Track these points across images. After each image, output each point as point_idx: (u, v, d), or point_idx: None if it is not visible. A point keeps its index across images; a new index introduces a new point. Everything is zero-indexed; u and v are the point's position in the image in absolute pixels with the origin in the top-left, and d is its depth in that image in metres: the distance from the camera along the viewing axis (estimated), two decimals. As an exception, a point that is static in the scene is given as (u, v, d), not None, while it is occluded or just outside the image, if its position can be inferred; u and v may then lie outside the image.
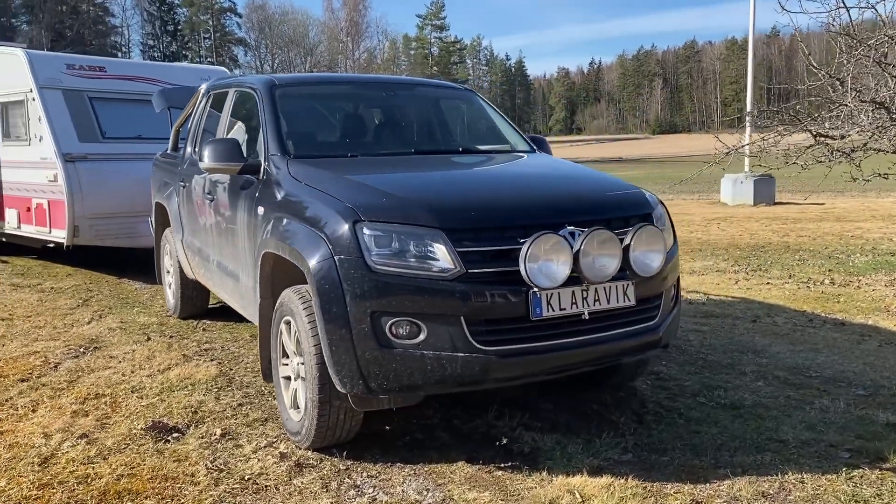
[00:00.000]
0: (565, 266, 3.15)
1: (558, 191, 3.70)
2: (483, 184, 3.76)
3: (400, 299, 3.10)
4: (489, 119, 5.08)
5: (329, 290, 3.17)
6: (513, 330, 3.21)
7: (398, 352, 3.13)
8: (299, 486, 3.20)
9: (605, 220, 3.43)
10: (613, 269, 3.26)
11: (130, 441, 3.62)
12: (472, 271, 3.13)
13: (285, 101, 4.49)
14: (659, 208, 3.83)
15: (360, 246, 3.15)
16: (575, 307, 3.27)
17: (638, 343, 3.52)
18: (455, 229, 3.16)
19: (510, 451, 3.56)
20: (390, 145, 4.59)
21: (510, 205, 3.35)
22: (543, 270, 3.11)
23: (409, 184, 3.68)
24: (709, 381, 4.50)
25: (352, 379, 3.17)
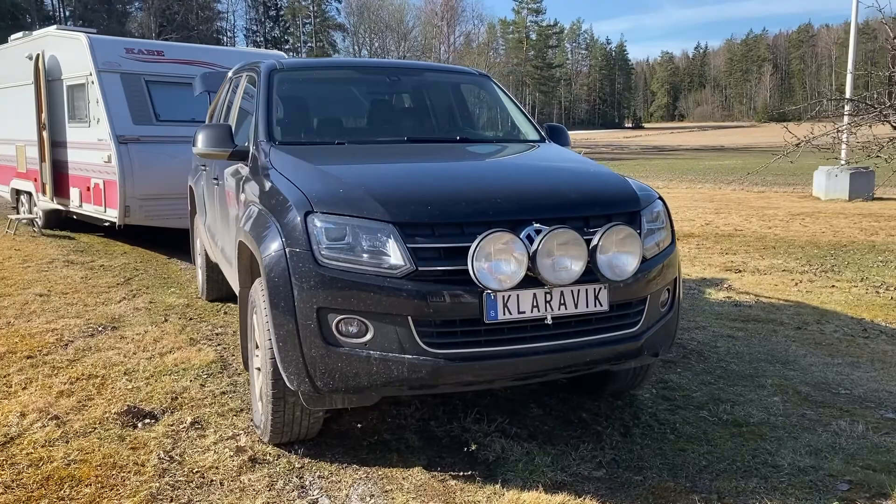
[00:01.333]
0: (519, 267, 2.92)
1: (530, 185, 3.44)
2: (451, 176, 3.54)
3: (347, 296, 2.95)
4: (501, 106, 4.84)
5: (278, 284, 3.06)
6: (465, 333, 3.01)
7: (344, 351, 2.99)
8: (243, 483, 3.12)
9: (579, 218, 3.18)
10: (577, 271, 3.00)
11: (99, 425, 3.63)
12: (422, 269, 2.94)
13: (284, 85, 4.41)
14: (653, 206, 3.52)
15: (310, 238, 3.02)
16: (536, 311, 3.04)
17: (613, 351, 3.25)
18: (407, 224, 2.98)
19: (475, 459, 3.37)
20: (383, 133, 4.43)
21: (469, 199, 3.12)
22: (494, 271, 2.89)
23: (372, 174, 3.52)
24: (719, 394, 4.16)
25: (298, 376, 3.06)
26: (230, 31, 78.65)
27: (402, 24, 66.28)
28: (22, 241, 9.50)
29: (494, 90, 4.94)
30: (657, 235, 3.49)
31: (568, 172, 3.76)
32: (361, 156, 3.94)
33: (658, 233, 3.51)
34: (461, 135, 4.34)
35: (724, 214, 13.46)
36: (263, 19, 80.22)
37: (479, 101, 4.93)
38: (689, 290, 6.97)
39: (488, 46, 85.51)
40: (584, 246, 2.98)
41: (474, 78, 5.08)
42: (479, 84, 5.02)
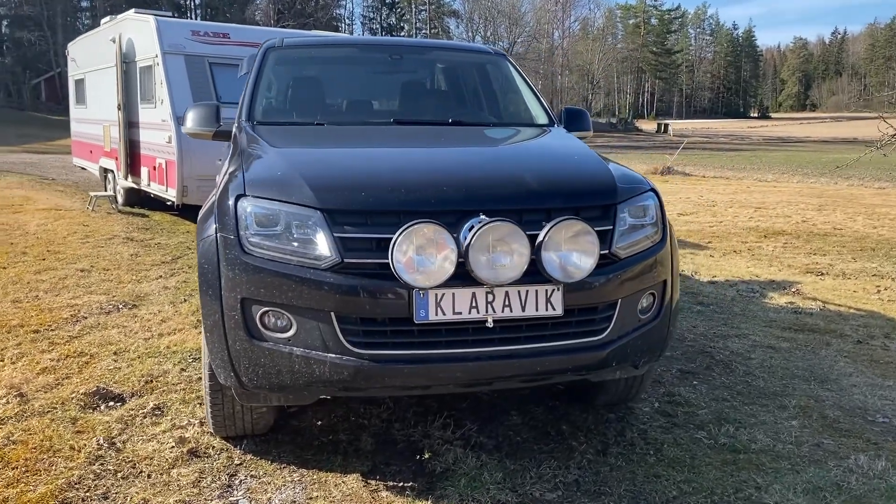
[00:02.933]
0: (446, 263, 2.61)
1: (487, 173, 3.08)
2: (404, 161, 3.23)
3: (270, 287, 2.74)
4: (512, 88, 4.49)
5: (207, 271, 2.89)
6: (396, 333, 2.74)
7: (268, 346, 2.78)
8: (170, 478, 2.98)
9: (537, 210, 2.83)
10: (518, 270, 2.66)
11: (60, 406, 3.60)
12: (349, 261, 2.69)
13: (279, 63, 4.26)
14: (638, 200, 3.12)
15: (238, 223, 2.83)
16: (475, 312, 2.73)
17: (570, 362, 2.89)
18: (336, 211, 2.74)
19: (422, 469, 3.11)
20: (371, 113, 4.19)
21: (410, 186, 2.82)
22: (417, 266, 2.60)
23: (320, 157, 3.29)
24: (728, 413, 3.69)
25: (224, 370, 2.89)
26: (348, 18, 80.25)
27: (515, 9, 65.49)
28: (95, 218, 9.88)
29: (509, 70, 4.59)
30: (641, 232, 3.09)
31: (543, 159, 3.40)
32: (330, 138, 3.71)
33: (642, 229, 3.11)
34: (455, 117, 4.03)
35: (827, 212, 12.42)
36: (380, 6, 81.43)
37: (491, 82, 4.58)
38: (749, 292, 6.37)
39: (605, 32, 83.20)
40: (527, 241, 2.64)
41: (488, 57, 4.74)
42: (493, 64, 4.68)
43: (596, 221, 2.93)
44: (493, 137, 3.86)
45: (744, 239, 9.55)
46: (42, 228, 8.66)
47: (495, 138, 3.85)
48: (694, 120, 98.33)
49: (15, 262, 6.80)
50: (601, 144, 43.21)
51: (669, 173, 20.77)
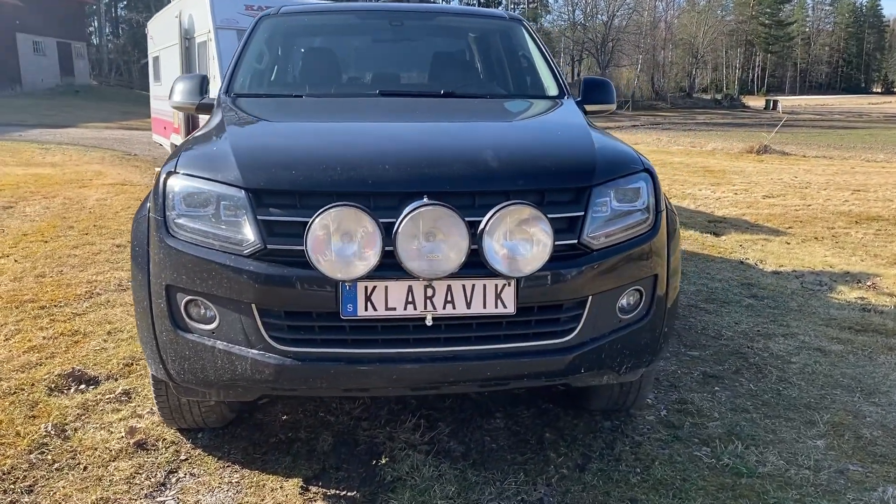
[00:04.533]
0: (370, 252, 2.28)
1: (440, 150, 2.67)
2: (354, 136, 2.88)
3: (192, 274, 2.50)
4: (525, 57, 4.08)
5: (137, 254, 2.68)
6: (325, 329, 2.45)
7: (193, 338, 2.55)
8: (103, 472, 2.81)
9: (493, 193, 2.46)
10: (454, 262, 2.30)
11: (29, 387, 3.51)
12: (272, 247, 2.42)
13: (271, 33, 4.02)
14: (625, 182, 2.70)
15: (167, 203, 2.60)
16: (412, 308, 2.40)
17: (527, 367, 2.53)
18: (262, 191, 2.46)
19: (372, 476, 2.83)
20: (356, 85, 3.88)
21: (347, 164, 2.49)
22: (336, 255, 2.29)
23: (266, 133, 3.01)
24: (743, 427, 3.22)
25: (154, 361, 2.68)
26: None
27: (616, -22, 63.33)
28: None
29: (523, 37, 4.17)
30: (627, 219, 2.68)
31: (516, 136, 2.99)
32: (299, 112, 3.42)
33: (630, 216, 2.69)
34: (449, 88, 3.66)
35: (938, 197, 11.28)
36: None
37: (502, 50, 4.18)
38: (815, 285, 5.73)
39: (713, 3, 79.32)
40: (465, 229, 2.28)
41: (501, 23, 4.33)
42: (506, 30, 4.27)
43: (563, 206, 2.55)
44: (478, 111, 3.48)
45: (830, 224, 8.73)
46: (100, 203, 8.82)
47: (480, 112, 3.47)
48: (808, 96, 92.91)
49: (59, 235, 6.91)
50: (701, 122, 41.37)
51: (766, 152, 19.50)
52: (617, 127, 36.13)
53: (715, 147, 21.53)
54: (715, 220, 8.91)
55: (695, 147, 22.00)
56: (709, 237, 7.76)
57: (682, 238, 7.67)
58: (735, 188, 11.89)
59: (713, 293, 5.39)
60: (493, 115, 3.43)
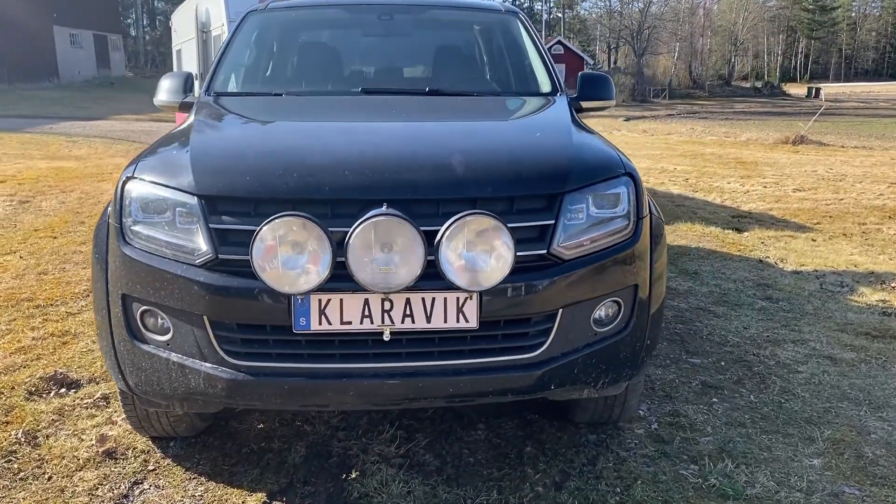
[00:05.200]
0: (318, 265, 2.17)
1: (403, 154, 2.53)
2: (314, 141, 2.76)
3: (146, 284, 2.42)
4: (519, 52, 3.92)
5: (97, 261, 2.61)
6: (279, 343, 2.36)
7: (149, 349, 2.48)
8: (67, 483, 2.75)
9: (455, 200, 2.34)
10: (409, 275, 2.18)
11: (9, 390, 3.47)
12: (224, 257, 2.32)
13: (256, 28, 3.93)
14: (603, 187, 2.54)
15: (123, 209, 2.52)
16: (368, 322, 2.29)
17: (492, 383, 2.40)
18: (214, 198, 2.36)
19: (339, 492, 2.73)
20: (339, 82, 3.75)
21: (304, 170, 2.38)
22: (282, 267, 2.18)
23: (225, 136, 2.92)
24: (737, 444, 3.06)
25: (113, 371, 2.61)
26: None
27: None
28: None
29: (519, 31, 4.01)
30: (604, 227, 2.53)
31: (488, 138, 2.83)
32: (272, 112, 3.32)
33: (608, 223, 2.54)
34: (435, 86, 3.52)
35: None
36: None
37: (495, 45, 4.03)
38: (836, 286, 5.49)
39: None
40: (420, 240, 2.16)
41: (497, 16, 4.16)
42: (501, 23, 4.11)
43: (532, 214, 2.42)
44: (459, 111, 3.34)
45: (862, 220, 8.41)
46: (117, 197, 8.85)
47: (460, 112, 3.32)
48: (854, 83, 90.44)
49: (69, 231, 6.93)
50: (739, 111, 40.54)
51: (802, 143, 18.96)
52: (652, 116, 35.62)
53: (749, 137, 21.04)
54: (739, 216, 8.64)
55: (729, 137, 21.52)
56: (730, 234, 7.51)
57: (702, 235, 7.47)
58: (765, 181, 11.55)
59: (725, 295, 5.19)
60: (472, 116, 3.28)
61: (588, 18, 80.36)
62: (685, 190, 10.67)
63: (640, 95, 52.56)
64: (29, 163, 11.56)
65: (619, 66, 67.86)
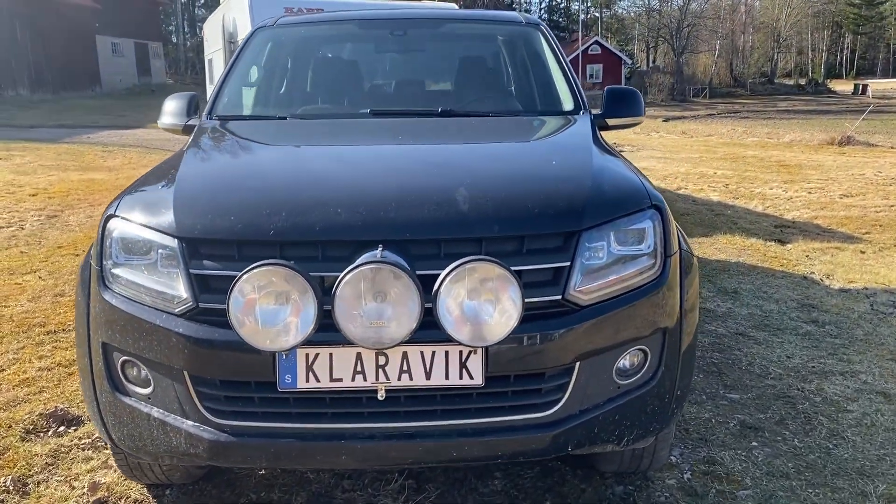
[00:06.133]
0: (302, 318, 1.96)
1: (405, 190, 2.26)
2: (308, 174, 2.54)
3: (126, 333, 2.24)
4: (540, 67, 3.67)
5: (80, 303, 2.44)
6: (263, 401, 2.15)
7: (131, 402, 2.29)
8: (51, 539, 2.59)
9: (465, 241, 2.11)
10: (405, 329, 1.95)
11: (6, 429, 3.33)
12: (204, 306, 2.13)
13: (264, 46, 3.75)
14: (629, 222, 2.29)
15: (104, 250, 2.34)
16: (361, 380, 2.07)
17: (499, 447, 2.16)
18: (196, 240, 2.17)
19: (339, 554, 2.51)
20: (349, 103, 3.54)
21: (295, 208, 2.16)
22: (262, 322, 1.97)
23: (214, 168, 2.71)
24: (779, 500, 2.77)
25: (97, 422, 2.44)
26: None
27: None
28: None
29: (540, 45, 3.76)
30: (625, 267, 2.27)
31: (499, 169, 2.56)
32: (272, 138, 3.12)
33: (632, 262, 2.29)
34: (448, 106, 3.28)
35: None
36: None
37: (515, 59, 3.78)
38: (889, 307, 5.12)
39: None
40: (416, 291, 1.93)
41: (517, 29, 3.91)
42: (521, 37, 3.87)
43: (545, 255, 2.17)
44: (471, 134, 3.10)
45: (915, 229, 7.97)
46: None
47: (472, 136, 3.08)
48: None
49: (91, 249, 6.84)
50: (782, 109, 39.59)
51: (849, 144, 18.30)
52: (692, 116, 34.94)
53: (793, 138, 20.41)
54: (782, 225, 8.25)
55: (771, 138, 20.91)
56: (772, 246, 7.15)
57: (742, 248, 7.11)
58: (809, 186, 11.09)
59: (767, 317, 4.87)
60: (484, 141, 3.03)
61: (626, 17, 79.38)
62: (725, 197, 10.28)
63: (680, 95, 51.70)
64: (62, 174, 11.61)
65: (657, 65, 66.93)
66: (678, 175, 12.49)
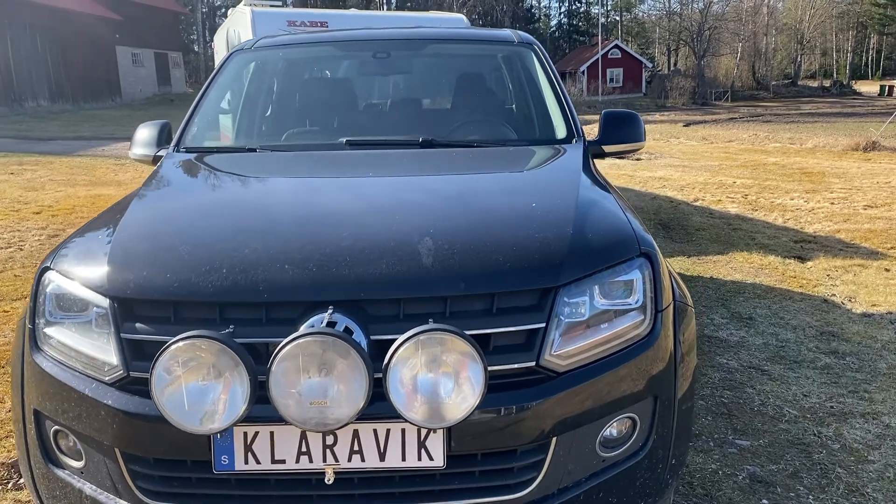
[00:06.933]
0: (230, 396, 1.73)
1: (362, 242, 2.01)
2: (260, 221, 2.31)
3: (57, 401, 2.04)
4: (532, 90, 3.43)
5: (15, 365, 2.24)
6: (198, 482, 1.92)
7: (63, 476, 2.09)
8: None
9: (425, 300, 1.88)
10: (351, 409, 1.72)
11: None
12: (136, 375, 1.91)
13: (239, 71, 3.54)
14: (615, 273, 2.05)
15: (37, 308, 2.14)
16: (306, 461, 1.84)
17: (466, 531, 1.92)
18: (129, 301, 1.95)
19: None
20: (324, 132, 3.31)
21: (232, 264, 1.95)
22: (188, 401, 1.74)
23: (163, 212, 2.49)
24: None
25: (31, 491, 2.24)
26: None
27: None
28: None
29: (533, 66, 3.52)
30: (610, 325, 2.04)
31: (475, 213, 2.31)
32: (233, 176, 2.89)
33: (614, 320, 2.04)
34: (430, 135, 3.04)
35: None
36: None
37: (505, 82, 3.54)
38: (913, 335, 4.81)
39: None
40: (364, 365, 1.70)
41: (508, 49, 3.67)
42: (513, 58, 3.63)
43: (517, 316, 1.93)
44: (450, 169, 2.86)
45: (945, 243, 7.61)
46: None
47: (450, 171, 2.84)
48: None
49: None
50: (806, 112, 38.93)
51: (874, 149, 17.82)
52: (713, 120, 34.42)
53: (816, 144, 19.94)
54: (803, 240, 7.92)
55: (794, 144, 20.45)
56: (791, 264, 6.83)
57: (759, 267, 6.79)
58: (832, 196, 10.72)
59: (783, 348, 4.57)
60: (460, 179, 2.78)
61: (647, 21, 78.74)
62: (744, 209, 9.94)
63: (701, 98, 51.07)
64: (70, 190, 11.52)
65: (678, 69, 66.27)
66: (696, 185, 12.16)
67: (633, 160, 16.61)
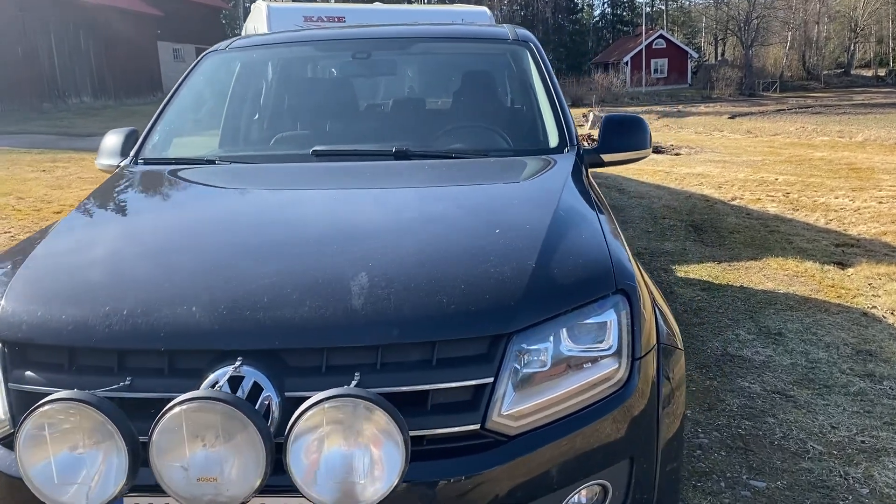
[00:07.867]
0: (107, 468, 1.47)
1: (282, 278, 1.73)
2: (178, 255, 2.03)
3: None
4: (525, 93, 3.12)
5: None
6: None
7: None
8: None
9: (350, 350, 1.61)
10: (248, 485, 1.44)
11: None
12: (24, 431, 1.67)
13: (210, 74, 3.34)
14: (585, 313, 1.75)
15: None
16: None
17: None
18: (17, 344, 1.72)
19: None
20: (293, 140, 3.04)
21: (133, 306, 1.69)
22: (55, 474, 1.49)
23: (83, 244, 2.23)
24: None
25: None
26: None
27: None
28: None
29: (528, 66, 3.20)
30: (576, 375, 1.73)
31: (424, 243, 2.01)
32: (175, 193, 2.65)
33: (581, 369, 1.74)
34: (404, 145, 2.75)
35: None
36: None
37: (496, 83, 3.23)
38: (961, 355, 4.37)
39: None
40: (260, 437, 1.42)
41: (502, 48, 3.35)
42: (506, 57, 3.31)
43: (460, 369, 1.64)
44: (416, 184, 2.56)
45: None
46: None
47: (416, 186, 2.55)
48: None
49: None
50: (858, 103, 37.57)
51: (927, 143, 16.97)
52: (760, 112, 33.45)
53: (867, 137, 19.10)
54: (845, 244, 7.43)
55: (843, 137, 19.62)
56: (830, 270, 6.37)
57: (794, 275, 6.35)
58: (881, 195, 10.14)
59: (813, 369, 4.19)
60: (423, 199, 2.48)
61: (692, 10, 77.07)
62: (784, 208, 9.44)
63: (749, 89, 49.70)
64: (81, 193, 11.54)
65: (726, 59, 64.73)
66: (735, 182, 11.64)
67: (673, 155, 16.09)
